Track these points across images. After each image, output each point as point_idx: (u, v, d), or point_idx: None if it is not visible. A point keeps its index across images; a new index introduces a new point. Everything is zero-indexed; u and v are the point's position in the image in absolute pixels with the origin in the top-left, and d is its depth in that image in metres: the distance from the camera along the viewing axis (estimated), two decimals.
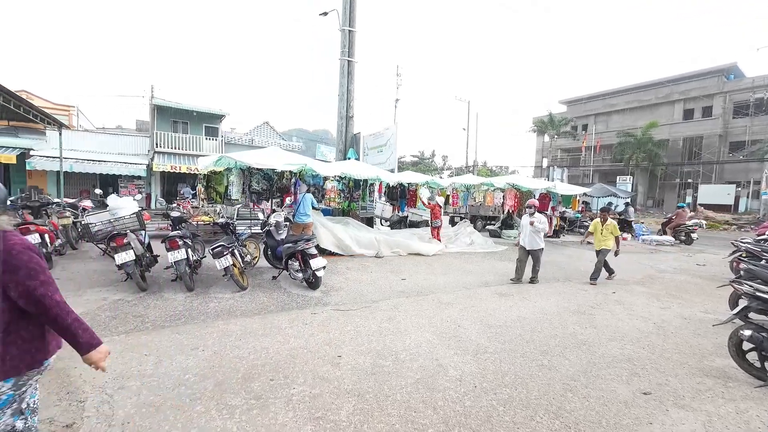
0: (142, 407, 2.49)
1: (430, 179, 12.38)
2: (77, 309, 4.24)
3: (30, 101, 6.47)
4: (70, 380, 2.79)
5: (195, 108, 20.79)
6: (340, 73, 11.35)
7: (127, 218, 4.97)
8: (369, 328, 4.11)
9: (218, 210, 9.54)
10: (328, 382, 2.91)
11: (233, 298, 4.97)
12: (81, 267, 6.17)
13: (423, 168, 39.76)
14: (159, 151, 19.22)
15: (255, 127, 25.77)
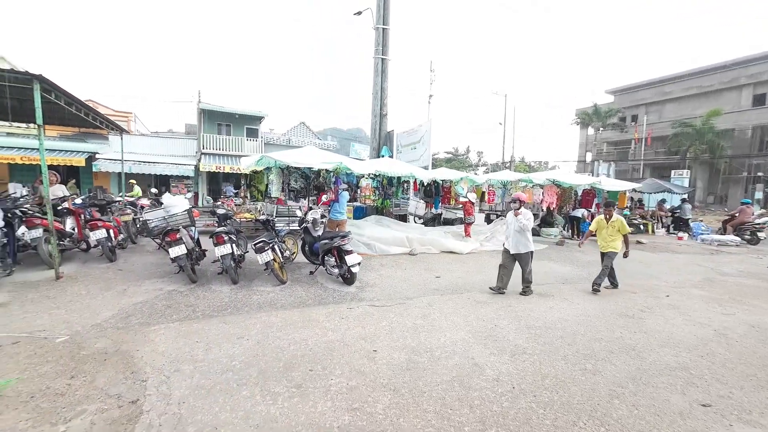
0: (195, 389, 2.70)
1: (465, 176, 12.15)
2: (137, 298, 4.69)
3: (96, 109, 7.17)
4: (133, 362, 3.09)
5: (237, 111, 21.88)
6: (374, 72, 11.44)
7: (179, 215, 5.37)
8: (404, 325, 4.14)
9: (259, 207, 10.01)
10: (365, 376, 2.98)
11: (274, 291, 5.21)
12: (140, 259, 6.76)
13: (457, 164, 39.04)
14: (205, 152, 20.47)
15: (292, 127, 26.66)
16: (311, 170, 8.56)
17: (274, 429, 2.30)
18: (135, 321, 3.96)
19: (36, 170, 17.48)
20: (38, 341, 3.39)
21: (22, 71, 4.73)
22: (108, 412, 2.41)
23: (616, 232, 5.68)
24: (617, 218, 5.73)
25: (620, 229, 5.66)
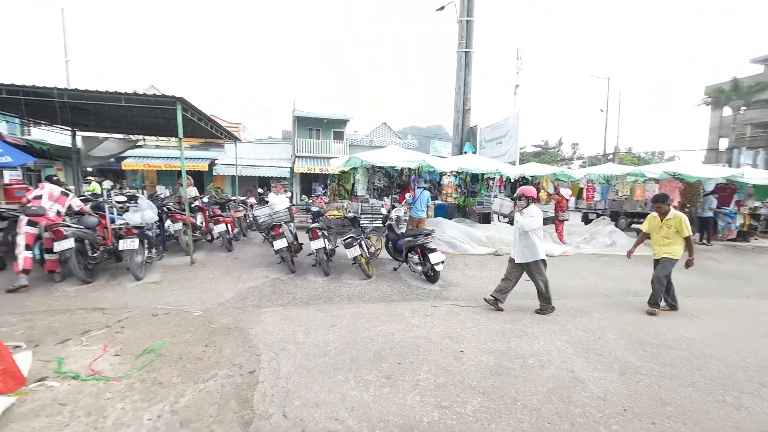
0: (299, 368, 3.03)
1: (558, 170, 11.06)
2: (249, 283, 5.42)
3: (218, 123, 8.51)
4: (249, 338, 3.59)
5: (325, 116, 23.62)
6: (457, 66, 11.17)
7: (281, 212, 6.07)
8: (491, 328, 3.99)
9: (345, 205, 10.67)
10: (452, 375, 2.97)
11: (361, 285, 5.51)
12: (250, 250, 7.82)
13: (548, 158, 35.79)
14: (299, 155, 22.61)
15: (374, 128, 27.67)
16: (394, 169, 8.79)
17: (367, 414, 2.45)
18: (249, 303, 4.61)
19: (175, 175, 21.49)
20: (181, 314, 4.19)
21: (169, 96, 5.87)
22: (233, 378, 2.86)
23: (674, 233, 4.50)
24: (675, 215, 4.52)
25: (679, 229, 4.47)
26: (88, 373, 2.84)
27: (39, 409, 2.39)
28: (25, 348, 3.17)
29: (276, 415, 2.40)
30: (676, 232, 4.50)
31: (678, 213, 4.56)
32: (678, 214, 4.53)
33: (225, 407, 2.48)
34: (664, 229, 4.58)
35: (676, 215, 4.53)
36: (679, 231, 4.47)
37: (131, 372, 2.88)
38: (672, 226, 4.52)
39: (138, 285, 5.16)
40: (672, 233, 4.53)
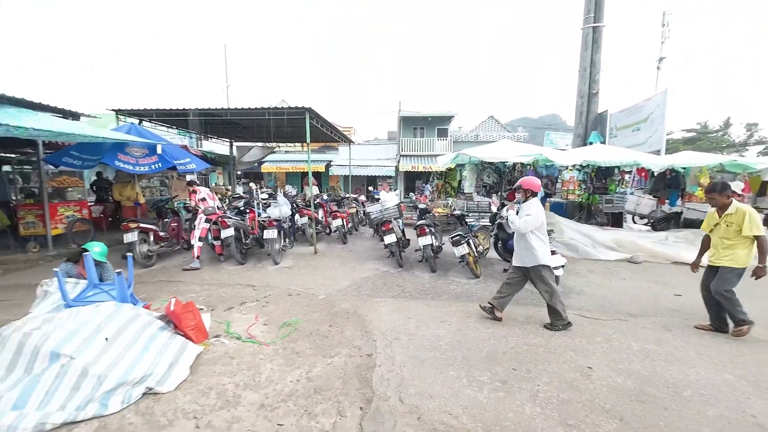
0: (411, 358, 3.16)
1: (726, 159, 8.67)
2: (363, 274, 5.86)
3: (337, 128, 9.45)
4: (366, 323, 3.91)
5: (429, 113, 23.74)
6: (581, 45, 9.84)
7: (391, 209, 6.40)
8: (628, 346, 3.42)
9: (450, 203, 10.56)
10: (579, 392, 2.66)
11: (469, 284, 5.40)
12: (362, 244, 8.47)
13: (706, 144, 28.47)
14: (403, 154, 23.33)
15: (480, 122, 26.53)
16: (505, 165, 8.28)
17: (482, 415, 2.41)
18: (363, 292, 5.01)
19: (299, 176, 24.68)
20: (310, 296, 4.82)
21: (300, 106, 6.79)
22: (353, 358, 3.17)
23: (735, 233, 3.53)
24: (737, 209, 3.55)
25: (742, 227, 3.47)
26: (246, 336, 3.53)
27: (217, 359, 3.09)
28: (206, 311, 4.13)
29: (393, 399, 2.57)
30: (738, 232, 3.51)
31: (742, 206, 3.57)
32: (742, 208, 3.54)
33: (348, 383, 2.77)
34: (723, 228, 3.63)
35: (739, 209, 3.54)
36: (744, 230, 3.46)
37: (276, 340, 3.47)
38: (732, 224, 3.54)
39: (276, 268, 6.15)
40: (733, 233, 3.54)
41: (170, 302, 3.41)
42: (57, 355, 2.46)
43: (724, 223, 3.63)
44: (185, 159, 7.23)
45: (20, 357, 2.47)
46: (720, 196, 3.63)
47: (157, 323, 3.18)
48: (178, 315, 3.27)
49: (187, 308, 3.38)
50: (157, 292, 4.82)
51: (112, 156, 6.04)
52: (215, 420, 2.32)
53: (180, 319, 3.26)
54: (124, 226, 5.65)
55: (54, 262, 6.36)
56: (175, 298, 3.51)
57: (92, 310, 2.89)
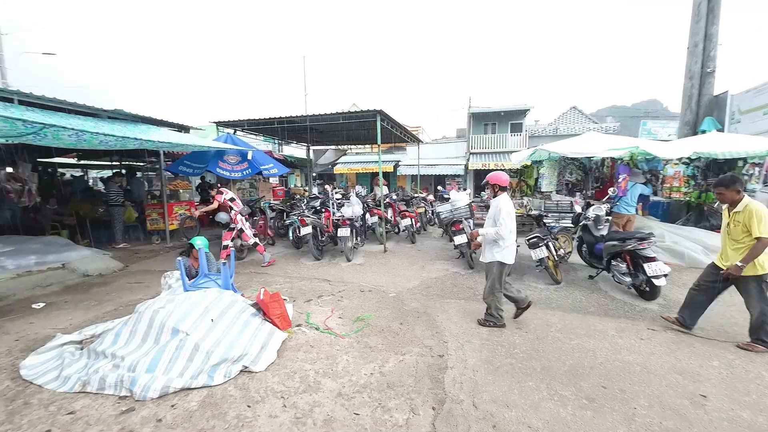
0: (485, 363, 3.06)
1: None
2: (432, 274, 5.83)
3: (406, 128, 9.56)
4: (436, 324, 3.89)
5: (502, 108, 22.53)
6: (692, 17, 8.39)
7: (462, 208, 6.25)
8: (757, 375, 2.84)
9: (524, 202, 9.90)
10: (689, 423, 2.30)
11: (547, 289, 5.01)
12: (430, 243, 8.43)
13: None
14: (473, 152, 22.55)
15: (560, 114, 24.35)
16: (591, 160, 7.47)
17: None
18: (433, 292, 4.98)
19: (369, 177, 25.49)
20: (381, 293, 4.97)
21: (371, 110, 7.01)
22: (425, 357, 3.18)
23: (744, 234, 3.09)
24: (747, 205, 3.11)
25: (749, 226, 3.03)
26: (324, 328, 3.78)
27: (299, 346, 3.37)
28: (288, 301, 4.53)
29: (466, 402, 2.52)
30: (746, 233, 3.12)
31: (753, 203, 3.14)
32: (751, 205, 3.13)
33: (420, 381, 2.79)
34: (731, 227, 3.27)
35: (748, 206, 3.15)
36: (752, 229, 3.06)
37: (350, 333, 3.65)
38: (740, 223, 3.16)
39: (349, 265, 6.46)
40: (741, 233, 3.16)
41: (260, 292, 3.82)
42: (176, 331, 2.94)
43: (732, 222, 3.26)
44: (269, 164, 8.01)
45: (151, 329, 3.01)
46: (728, 191, 3.27)
47: (250, 310, 3.59)
48: (266, 304, 3.65)
49: (274, 298, 3.76)
50: (249, 282, 5.42)
51: (214, 164, 6.98)
52: (299, 402, 2.53)
53: (268, 307, 3.63)
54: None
55: (170, 252, 7.58)
56: (264, 288, 3.92)
57: (201, 295, 3.38)
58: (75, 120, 4.74)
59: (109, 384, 2.61)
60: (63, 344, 3.25)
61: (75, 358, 3.00)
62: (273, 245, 8.14)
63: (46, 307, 4.42)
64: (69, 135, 4.07)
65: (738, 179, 3.28)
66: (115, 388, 2.60)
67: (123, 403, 2.50)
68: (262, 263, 6.35)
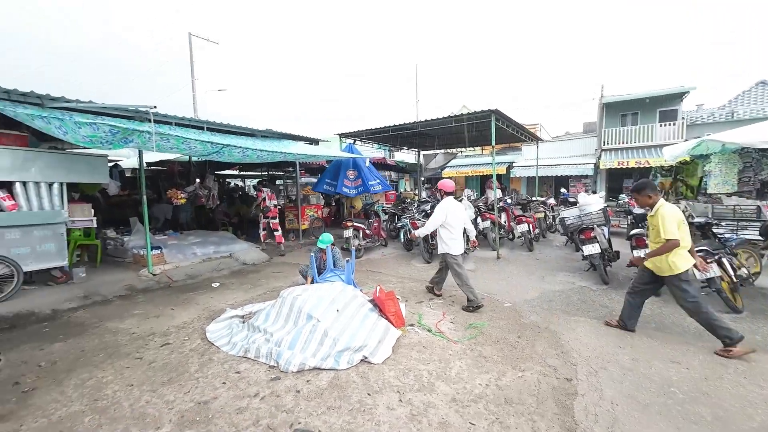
0: (627, 397, 2.58)
1: None
2: (554, 286, 5.26)
3: (524, 127, 8.88)
4: (560, 343, 3.48)
5: (648, 94, 18.70)
6: None
7: (594, 214, 5.44)
8: None
9: (683, 207, 7.97)
10: None
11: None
12: (551, 252, 7.60)
13: None
14: (606, 148, 19.36)
15: (738, 93, 18.82)
16: None
17: None
18: (556, 307, 4.47)
19: (478, 180, 24.61)
20: (494, 302, 4.72)
21: (485, 110, 6.76)
22: (548, 378, 2.88)
23: (657, 235, 3.31)
24: (658, 209, 3.34)
25: (658, 228, 3.25)
26: (436, 330, 3.80)
27: (412, 345, 3.48)
28: (401, 301, 4.72)
29: None
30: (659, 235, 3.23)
31: (663, 208, 3.30)
32: (662, 210, 3.29)
33: (544, 403, 2.53)
34: (650, 229, 3.53)
35: (658, 210, 3.31)
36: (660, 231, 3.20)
37: (462, 339, 3.58)
38: (655, 226, 3.33)
39: None
40: (656, 236, 3.33)
41: (376, 289, 4.09)
42: (310, 317, 3.40)
43: (651, 225, 3.46)
44: (375, 180, 8.67)
45: (291, 313, 3.55)
46: (639, 196, 3.48)
47: (368, 305, 3.88)
48: (382, 301, 3.88)
49: (389, 296, 3.97)
50: (365, 279, 5.86)
51: (341, 184, 8.02)
52: (414, 399, 2.61)
53: (384, 304, 3.85)
54: (344, 224, 7.19)
55: (303, 249, 8.79)
56: (380, 286, 4.18)
57: (329, 287, 3.83)
58: (240, 140, 6.00)
59: (262, 354, 3.19)
60: (231, 317, 4.12)
61: (239, 329, 3.77)
62: (386, 246, 8.60)
63: (220, 287, 5.68)
64: (237, 152, 5.18)
65: (647, 185, 3.45)
66: (266, 358, 3.16)
67: (272, 371, 3.02)
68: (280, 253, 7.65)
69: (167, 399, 2.64)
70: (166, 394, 2.71)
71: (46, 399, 2.67)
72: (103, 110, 4.84)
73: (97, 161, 5.54)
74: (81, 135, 4.14)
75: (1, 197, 4.63)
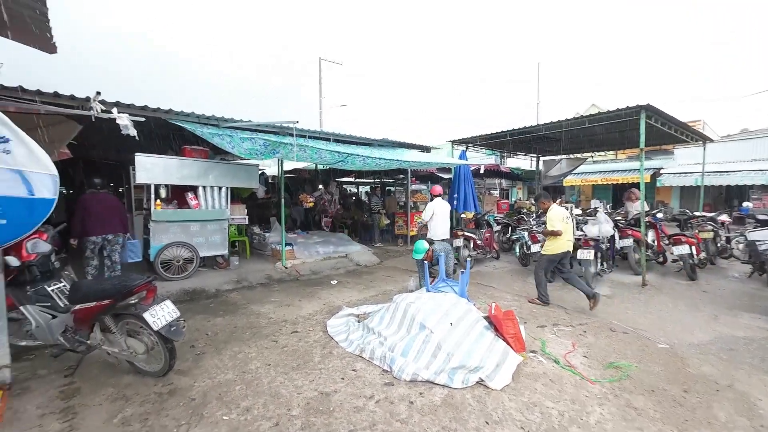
0: None
1: None
2: (736, 331, 4.01)
3: (687, 124, 7.14)
4: (757, 411, 2.58)
5: None
6: None
7: None
8: None
9: None
10: None
11: None
12: (725, 285, 5.84)
13: None
14: None
15: None
16: None
17: None
18: (742, 359, 3.37)
19: (610, 189, 21.11)
20: (642, 339, 3.84)
21: (633, 106, 5.66)
22: None
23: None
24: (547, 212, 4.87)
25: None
26: (565, 363, 3.28)
27: (536, 375, 3.06)
28: (520, 322, 4.26)
29: None
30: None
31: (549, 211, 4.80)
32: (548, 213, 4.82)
33: None
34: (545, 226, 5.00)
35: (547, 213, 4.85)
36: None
37: (602, 381, 2.98)
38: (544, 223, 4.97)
39: None
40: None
41: (491, 306, 3.78)
42: (423, 326, 3.34)
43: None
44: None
45: (405, 319, 3.55)
46: (539, 203, 5.25)
47: (483, 322, 3.61)
48: (500, 320, 3.55)
49: (508, 316, 3.62)
50: (476, 293, 5.52)
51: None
52: None
53: (501, 324, 3.52)
54: (455, 233, 6.98)
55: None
56: (495, 304, 3.85)
57: (442, 297, 3.71)
58: (360, 149, 6.45)
59: (377, 356, 3.27)
60: (348, 315, 4.39)
61: (355, 327, 3.97)
62: (497, 259, 8.02)
63: (338, 284, 6.16)
64: (359, 160, 5.56)
65: (541, 195, 5.11)
66: (380, 361, 3.22)
67: (385, 376, 3.06)
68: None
69: (296, 384, 2.93)
70: (296, 379, 3.00)
71: (210, 363, 3.27)
72: (257, 127, 5.83)
73: (251, 169, 6.71)
74: (243, 148, 5.07)
75: (191, 197, 6.01)
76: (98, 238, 4.97)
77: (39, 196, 2.45)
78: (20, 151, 2.35)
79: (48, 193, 2.50)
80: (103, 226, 4.98)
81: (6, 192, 2.30)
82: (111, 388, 2.84)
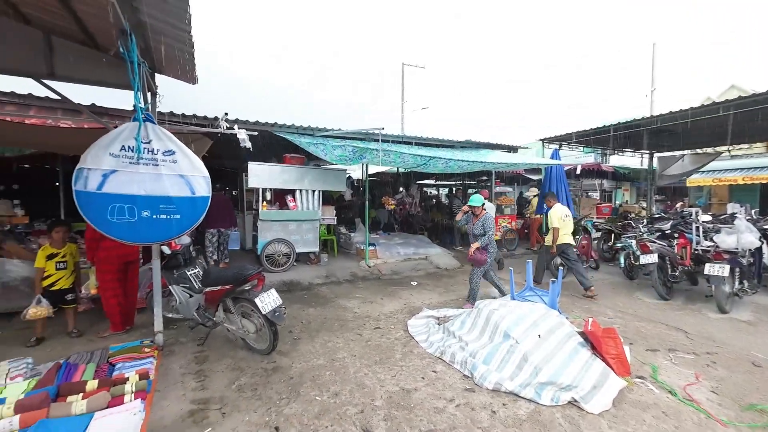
0: None
1: None
2: None
3: None
4: None
5: None
6: None
7: None
8: None
9: None
10: None
11: None
12: None
13: None
14: None
15: None
16: None
17: None
18: None
19: (757, 190, 17.01)
20: None
21: None
22: None
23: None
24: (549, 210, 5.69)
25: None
26: (685, 396, 2.79)
27: (645, 406, 2.68)
28: (624, 343, 3.75)
29: None
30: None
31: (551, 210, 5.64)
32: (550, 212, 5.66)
33: None
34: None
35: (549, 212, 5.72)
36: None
37: (739, 424, 2.46)
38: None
39: (723, 318, 4.48)
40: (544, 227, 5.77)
41: (587, 321, 3.41)
42: (508, 336, 3.20)
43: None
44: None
45: (487, 326, 3.45)
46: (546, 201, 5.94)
47: (577, 338, 3.29)
48: (597, 337, 3.20)
49: (608, 333, 3.23)
50: (570, 306, 5.03)
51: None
52: None
53: (600, 342, 3.16)
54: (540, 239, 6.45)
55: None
56: (592, 319, 3.47)
57: (529, 307, 3.49)
58: (442, 151, 6.43)
59: (457, 361, 3.24)
60: (428, 316, 4.43)
61: (435, 329, 3.99)
62: (596, 269, 7.15)
63: (418, 285, 6.25)
64: (441, 163, 5.57)
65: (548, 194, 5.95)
66: (461, 366, 3.19)
67: (466, 381, 3.02)
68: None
69: (379, 377, 3.09)
70: (378, 372, 3.17)
71: (305, 348, 3.66)
72: (346, 135, 6.28)
73: (340, 174, 7.26)
74: (335, 155, 5.53)
75: (290, 199, 6.79)
76: (215, 230, 6.23)
77: (198, 194, 3.10)
78: (183, 160, 3.00)
79: (204, 192, 3.14)
80: (220, 221, 6.17)
81: (178, 193, 2.97)
82: (230, 359, 3.40)
